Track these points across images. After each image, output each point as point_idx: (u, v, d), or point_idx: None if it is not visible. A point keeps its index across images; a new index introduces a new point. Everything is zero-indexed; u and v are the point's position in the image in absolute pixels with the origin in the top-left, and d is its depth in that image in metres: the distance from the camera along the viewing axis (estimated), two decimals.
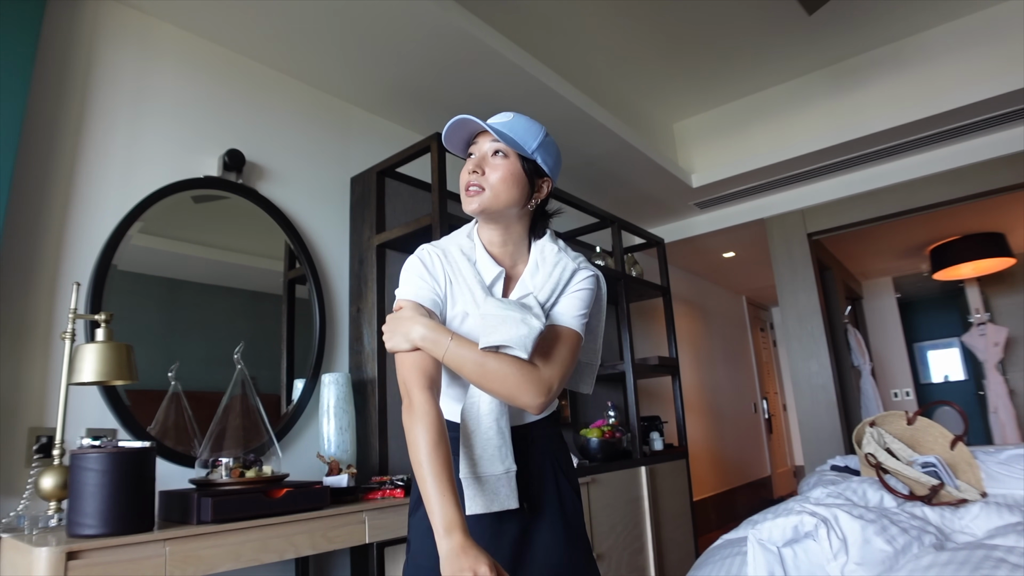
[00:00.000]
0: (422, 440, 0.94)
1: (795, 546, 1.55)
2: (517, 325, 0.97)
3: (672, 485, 3.10)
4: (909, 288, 6.72)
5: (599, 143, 3.17)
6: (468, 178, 1.08)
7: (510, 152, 1.08)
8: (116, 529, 1.28)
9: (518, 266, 1.15)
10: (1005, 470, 2.00)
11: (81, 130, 1.83)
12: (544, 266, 1.12)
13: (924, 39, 3.23)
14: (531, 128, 1.10)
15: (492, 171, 1.07)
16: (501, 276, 1.10)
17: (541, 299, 1.06)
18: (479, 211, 1.08)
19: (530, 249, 1.16)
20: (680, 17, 2.93)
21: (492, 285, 1.09)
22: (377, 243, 2.34)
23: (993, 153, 3.36)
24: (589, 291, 1.12)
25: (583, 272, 1.12)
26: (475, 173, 1.07)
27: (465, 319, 1.07)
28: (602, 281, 1.17)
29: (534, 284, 1.10)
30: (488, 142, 1.08)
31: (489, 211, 1.08)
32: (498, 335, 0.97)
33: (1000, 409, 5.46)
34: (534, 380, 0.98)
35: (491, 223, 1.12)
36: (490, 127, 1.07)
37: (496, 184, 1.07)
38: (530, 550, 1.06)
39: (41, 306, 1.66)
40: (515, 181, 1.08)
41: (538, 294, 1.07)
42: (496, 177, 1.07)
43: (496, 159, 1.08)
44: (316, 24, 2.15)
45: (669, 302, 3.58)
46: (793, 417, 7.69)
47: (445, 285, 1.09)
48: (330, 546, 1.62)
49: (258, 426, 1.71)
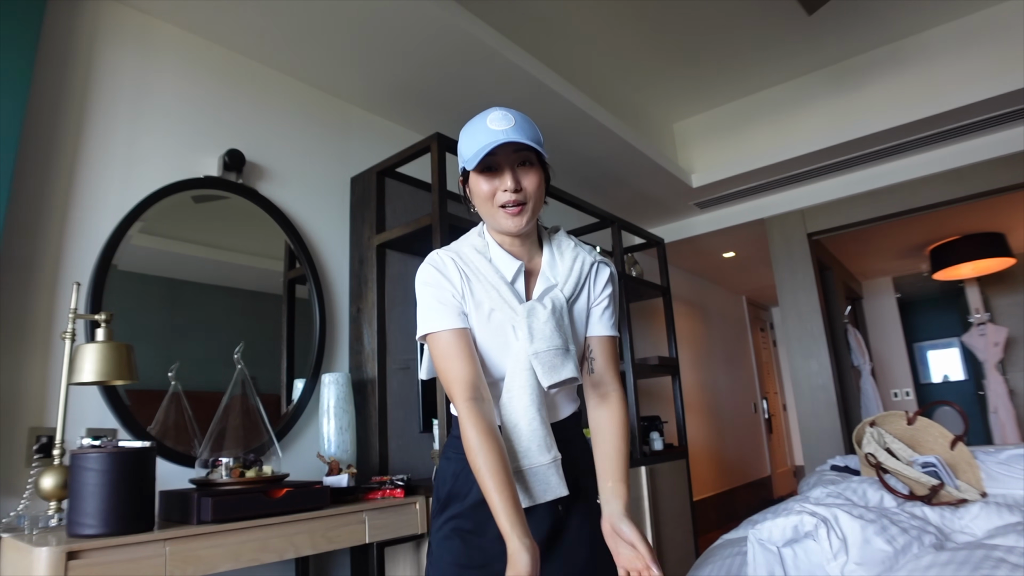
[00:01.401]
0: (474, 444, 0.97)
1: (795, 546, 1.55)
2: (567, 356, 1.02)
3: (672, 485, 3.10)
4: (909, 288, 6.72)
5: (599, 143, 3.17)
6: (507, 197, 1.04)
7: (535, 160, 1.06)
8: (116, 529, 1.28)
9: (534, 259, 1.15)
10: (1005, 470, 1.99)
11: (81, 130, 1.83)
12: (563, 260, 1.13)
13: (924, 39, 3.23)
14: (531, 122, 1.08)
15: (527, 183, 1.04)
16: (521, 270, 1.10)
17: (567, 293, 1.09)
18: (525, 227, 1.06)
19: (540, 239, 1.17)
20: (680, 17, 2.93)
21: (514, 280, 1.09)
22: (377, 243, 2.34)
23: (993, 153, 3.36)
24: (613, 294, 1.18)
25: (604, 269, 1.17)
26: (517, 192, 1.03)
27: (492, 314, 1.07)
28: (615, 274, 1.21)
29: (555, 276, 1.12)
30: (512, 151, 1.04)
31: (530, 222, 1.07)
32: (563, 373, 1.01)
33: (1000, 409, 5.46)
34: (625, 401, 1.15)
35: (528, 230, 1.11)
36: (531, 143, 1.03)
37: (534, 195, 1.05)
38: (560, 544, 1.07)
39: (41, 306, 1.66)
40: (542, 187, 1.08)
41: (563, 287, 1.10)
42: (532, 188, 1.05)
43: (525, 168, 1.05)
44: (316, 24, 2.15)
45: (669, 302, 3.58)
46: (793, 417, 7.69)
47: (462, 285, 1.07)
48: (330, 546, 1.62)
49: (258, 426, 1.71)
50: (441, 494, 1.11)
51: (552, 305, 1.05)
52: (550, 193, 1.19)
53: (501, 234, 1.11)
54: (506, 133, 1.01)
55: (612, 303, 1.17)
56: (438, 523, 1.09)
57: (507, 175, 1.04)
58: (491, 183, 1.05)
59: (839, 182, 3.87)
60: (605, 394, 1.13)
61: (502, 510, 0.90)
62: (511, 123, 1.03)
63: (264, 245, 2.21)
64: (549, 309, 1.04)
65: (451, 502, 1.08)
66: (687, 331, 5.35)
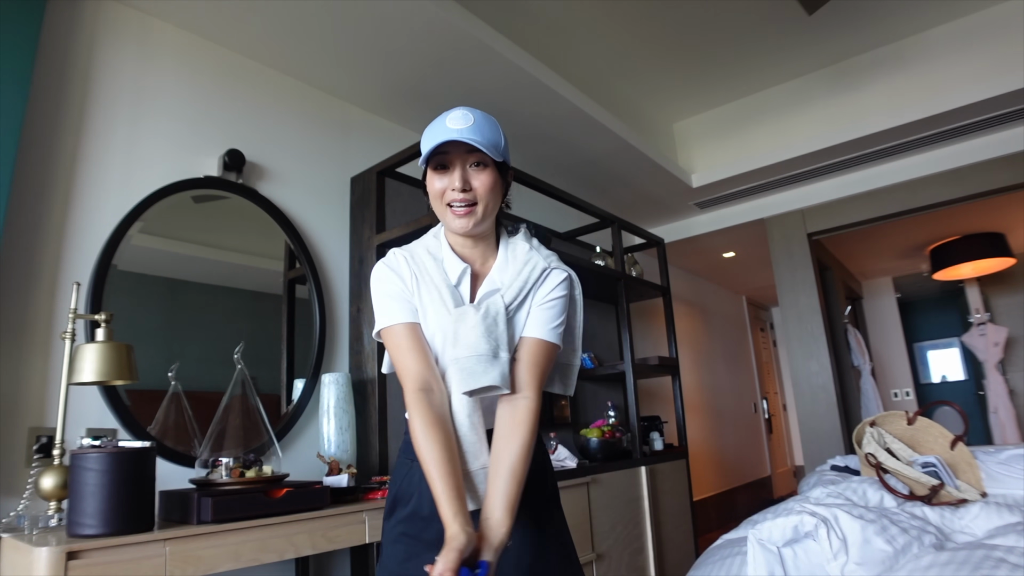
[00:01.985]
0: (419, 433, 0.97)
1: (795, 546, 1.55)
2: (492, 363, 0.99)
3: (672, 485, 3.10)
4: (909, 288, 6.72)
5: (599, 143, 3.17)
6: (454, 196, 1.04)
7: (489, 160, 1.05)
8: (116, 529, 1.28)
9: (488, 262, 1.13)
10: (1005, 470, 2.00)
11: (81, 130, 1.83)
12: (514, 263, 1.10)
13: (924, 39, 3.23)
14: (494, 126, 1.06)
15: (477, 183, 1.04)
16: (467, 272, 1.09)
17: (508, 298, 1.05)
18: (473, 229, 1.05)
19: (499, 243, 1.15)
20: (680, 17, 2.93)
21: (458, 283, 1.08)
22: (377, 243, 2.34)
23: (993, 153, 3.36)
24: (563, 299, 1.10)
25: (556, 274, 1.10)
26: (466, 192, 1.03)
27: (432, 316, 1.06)
28: (575, 280, 1.14)
29: (502, 281, 1.09)
30: (466, 151, 1.03)
31: (480, 225, 1.06)
32: (483, 379, 0.99)
33: (1000, 409, 5.46)
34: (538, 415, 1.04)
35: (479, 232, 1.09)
36: (479, 143, 1.01)
37: (486, 196, 1.04)
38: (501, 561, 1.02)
39: (41, 306, 1.66)
40: (497, 188, 1.07)
41: (505, 292, 1.06)
42: (483, 189, 1.04)
43: (477, 169, 1.04)
44: (316, 24, 2.15)
45: (669, 302, 3.58)
46: (793, 417, 7.69)
47: (413, 284, 1.08)
48: (330, 546, 1.62)
49: (258, 426, 1.71)
50: (390, 497, 1.11)
51: (486, 310, 1.03)
52: (547, 192, 1.19)
53: (455, 235, 1.10)
54: (459, 132, 1.00)
55: (558, 308, 1.09)
56: (389, 525, 1.09)
57: (456, 174, 1.04)
58: (442, 181, 1.05)
59: (839, 182, 3.87)
60: (515, 400, 1.03)
61: (443, 498, 0.90)
62: (469, 122, 1.02)
63: (264, 245, 2.21)
64: (480, 314, 1.02)
65: (397, 505, 1.09)
66: (687, 331, 5.35)
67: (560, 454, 2.57)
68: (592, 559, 2.41)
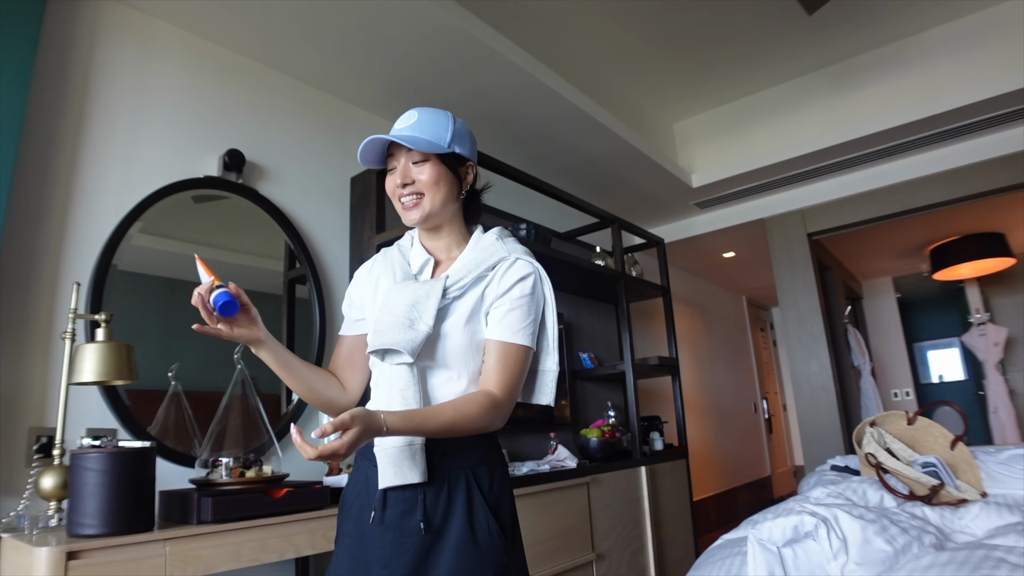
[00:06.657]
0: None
1: (795, 546, 1.55)
2: (404, 330, 1.00)
3: (672, 485, 3.10)
4: (909, 288, 6.72)
5: (599, 143, 3.17)
6: (399, 191, 1.08)
7: (429, 155, 1.07)
8: (116, 529, 1.27)
9: (453, 253, 1.15)
10: (1005, 470, 2.00)
11: (81, 130, 1.83)
12: (476, 253, 1.11)
13: (924, 39, 3.23)
14: (440, 121, 1.08)
15: (420, 177, 1.07)
16: (429, 263, 1.13)
17: (452, 280, 1.05)
18: (422, 221, 1.09)
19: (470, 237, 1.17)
20: (680, 17, 2.93)
21: (419, 273, 1.12)
22: (377, 243, 2.34)
23: (993, 153, 3.36)
24: (529, 297, 1.06)
25: (520, 265, 1.07)
26: (407, 186, 1.07)
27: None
28: (542, 275, 1.10)
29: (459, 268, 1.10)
30: (405, 151, 1.07)
31: (431, 217, 1.09)
32: (387, 338, 1.00)
33: (1000, 409, 5.46)
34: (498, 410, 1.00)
35: (433, 224, 1.13)
36: (399, 139, 1.04)
37: (430, 188, 1.07)
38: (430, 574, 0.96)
39: (41, 306, 1.66)
40: (444, 180, 1.08)
41: (453, 273, 1.07)
42: (427, 182, 1.07)
43: (418, 166, 1.07)
44: (316, 24, 2.15)
45: (669, 302, 3.58)
46: (793, 417, 7.69)
47: (372, 286, 1.14)
48: (330, 546, 1.61)
49: (258, 426, 1.71)
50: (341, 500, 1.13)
51: (420, 285, 1.05)
52: (547, 192, 1.20)
53: (420, 230, 1.16)
54: (393, 132, 1.06)
55: (524, 307, 1.05)
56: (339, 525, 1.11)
57: (399, 171, 1.08)
58: (392, 178, 1.10)
59: (839, 182, 3.87)
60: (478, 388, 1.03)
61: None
62: (411, 121, 1.07)
63: (264, 245, 2.21)
64: (413, 287, 1.05)
65: (340, 508, 1.11)
66: (687, 331, 5.35)
67: (560, 454, 2.57)
68: (592, 559, 2.41)
